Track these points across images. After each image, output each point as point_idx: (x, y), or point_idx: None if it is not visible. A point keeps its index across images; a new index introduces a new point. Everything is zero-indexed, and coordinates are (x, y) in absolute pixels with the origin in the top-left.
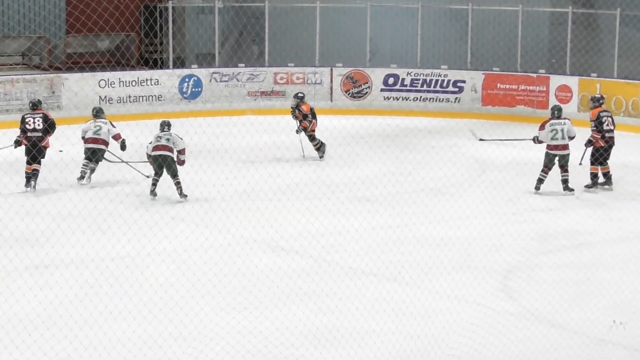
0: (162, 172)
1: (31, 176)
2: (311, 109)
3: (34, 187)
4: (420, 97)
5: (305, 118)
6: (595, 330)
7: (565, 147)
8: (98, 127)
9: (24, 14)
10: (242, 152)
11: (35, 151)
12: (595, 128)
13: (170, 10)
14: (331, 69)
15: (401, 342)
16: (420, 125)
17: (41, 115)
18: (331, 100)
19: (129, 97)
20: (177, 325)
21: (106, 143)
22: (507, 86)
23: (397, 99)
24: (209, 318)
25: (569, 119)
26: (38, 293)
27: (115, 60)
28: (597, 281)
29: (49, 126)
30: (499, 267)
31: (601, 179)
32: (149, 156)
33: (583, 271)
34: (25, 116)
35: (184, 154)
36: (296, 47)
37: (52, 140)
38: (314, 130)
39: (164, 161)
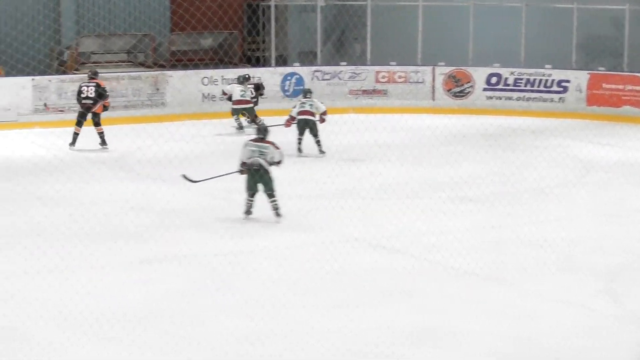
0: (305, 133)
1: (77, 136)
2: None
3: (103, 144)
4: (524, 96)
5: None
6: None
7: None
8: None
9: (129, 12)
10: (343, 151)
11: (91, 115)
12: None
13: (272, 8)
14: (433, 68)
15: (502, 344)
16: (524, 125)
17: (94, 84)
18: (433, 99)
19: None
20: (279, 323)
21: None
22: (613, 86)
23: (500, 99)
24: (310, 315)
25: None
26: (142, 287)
27: (218, 58)
28: None
29: (100, 94)
30: (603, 269)
31: None
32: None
33: None
34: (82, 85)
35: (326, 114)
36: (398, 45)
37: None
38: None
39: (306, 124)
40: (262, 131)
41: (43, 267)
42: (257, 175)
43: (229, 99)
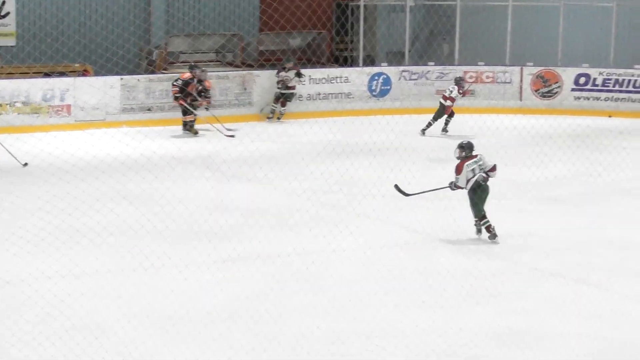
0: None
1: (185, 124)
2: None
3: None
4: (612, 97)
5: None
6: None
7: None
8: None
9: (219, 12)
10: (430, 150)
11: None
12: None
13: (362, 8)
14: (521, 68)
15: (590, 345)
16: (612, 126)
17: (181, 79)
18: (520, 100)
19: (319, 94)
20: (361, 322)
21: None
22: None
23: (588, 99)
24: (393, 316)
25: None
26: (225, 287)
27: (306, 58)
28: None
29: (183, 86)
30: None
31: None
32: None
33: None
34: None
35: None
36: (486, 45)
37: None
38: None
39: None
40: (471, 146)
41: (127, 265)
42: (482, 191)
43: None
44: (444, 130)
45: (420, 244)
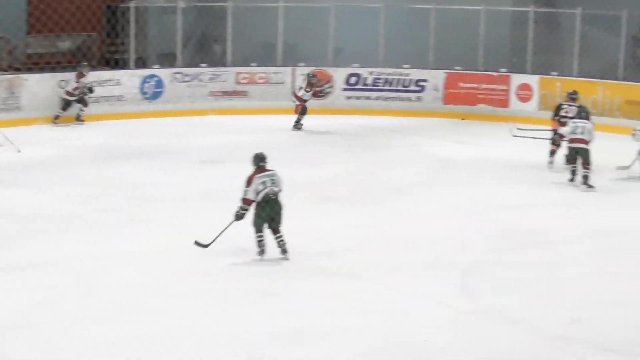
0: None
1: None
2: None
3: None
4: (383, 96)
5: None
6: (557, 328)
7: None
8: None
9: None
10: (203, 152)
11: None
12: None
13: (132, 10)
14: (293, 69)
15: (368, 341)
16: (383, 125)
17: None
18: (293, 100)
19: (90, 97)
20: (143, 327)
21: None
22: (469, 85)
23: (359, 98)
24: (176, 320)
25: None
26: (4, 296)
27: (77, 61)
28: (558, 279)
29: None
30: (462, 265)
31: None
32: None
33: (544, 269)
34: None
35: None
36: (259, 46)
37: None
38: None
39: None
40: (264, 158)
41: None
42: (270, 208)
43: None
44: (295, 127)
45: (198, 247)
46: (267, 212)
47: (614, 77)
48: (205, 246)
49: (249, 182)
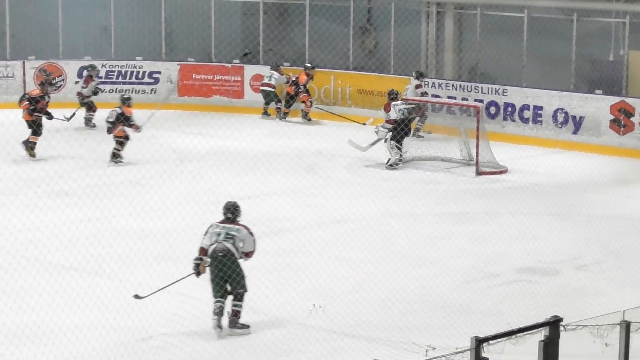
0: None
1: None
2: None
3: None
4: (116, 88)
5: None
6: (296, 315)
7: None
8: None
9: None
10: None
11: None
12: None
13: None
14: (23, 62)
15: (104, 337)
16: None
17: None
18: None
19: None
20: None
21: None
22: (203, 76)
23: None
24: None
25: None
26: None
27: None
28: (296, 266)
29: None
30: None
31: None
32: None
33: (282, 257)
34: None
35: None
36: None
37: None
38: None
39: None
40: (232, 209)
41: None
42: (222, 267)
43: None
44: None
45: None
46: (212, 270)
47: (345, 66)
48: (141, 297)
49: (206, 232)
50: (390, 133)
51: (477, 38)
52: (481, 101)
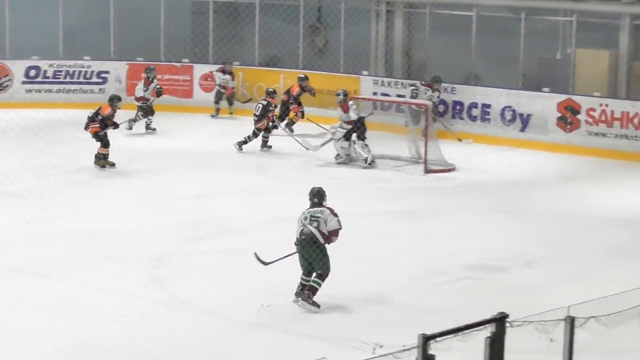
0: None
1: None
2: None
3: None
4: (64, 89)
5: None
6: (244, 314)
7: None
8: None
9: None
10: None
11: None
12: None
13: None
14: None
15: (52, 339)
16: (65, 118)
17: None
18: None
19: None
20: None
21: None
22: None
23: (40, 92)
24: None
25: None
26: None
27: None
28: (244, 266)
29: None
30: (148, 256)
31: None
32: None
33: (231, 257)
34: None
35: None
36: None
37: None
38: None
39: None
40: (318, 195)
41: None
42: (307, 248)
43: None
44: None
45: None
46: (300, 251)
47: (295, 65)
48: (265, 263)
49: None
50: (353, 133)
51: (427, 37)
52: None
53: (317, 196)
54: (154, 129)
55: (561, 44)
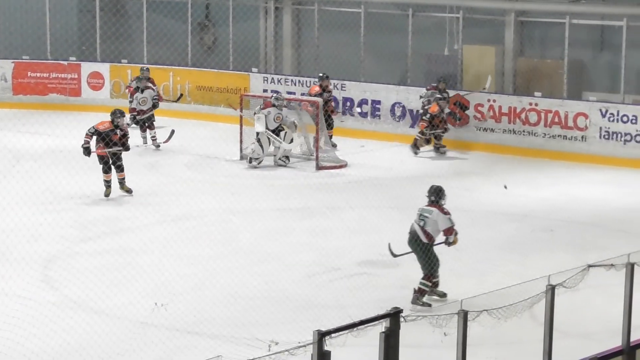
0: None
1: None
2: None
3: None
4: None
5: None
6: (138, 314)
7: None
8: None
9: None
10: None
11: None
12: None
13: None
14: None
15: None
16: None
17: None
18: None
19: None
20: None
21: None
22: (39, 74)
23: None
24: None
25: None
26: None
27: None
28: (137, 265)
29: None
30: (39, 257)
31: None
32: None
33: (123, 256)
34: None
35: None
36: None
37: None
38: None
39: None
40: (435, 193)
41: None
42: (413, 247)
43: None
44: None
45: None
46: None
47: (184, 63)
48: (395, 255)
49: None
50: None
51: (316, 33)
52: (320, 95)
53: (434, 194)
54: (158, 145)
55: (448, 40)
